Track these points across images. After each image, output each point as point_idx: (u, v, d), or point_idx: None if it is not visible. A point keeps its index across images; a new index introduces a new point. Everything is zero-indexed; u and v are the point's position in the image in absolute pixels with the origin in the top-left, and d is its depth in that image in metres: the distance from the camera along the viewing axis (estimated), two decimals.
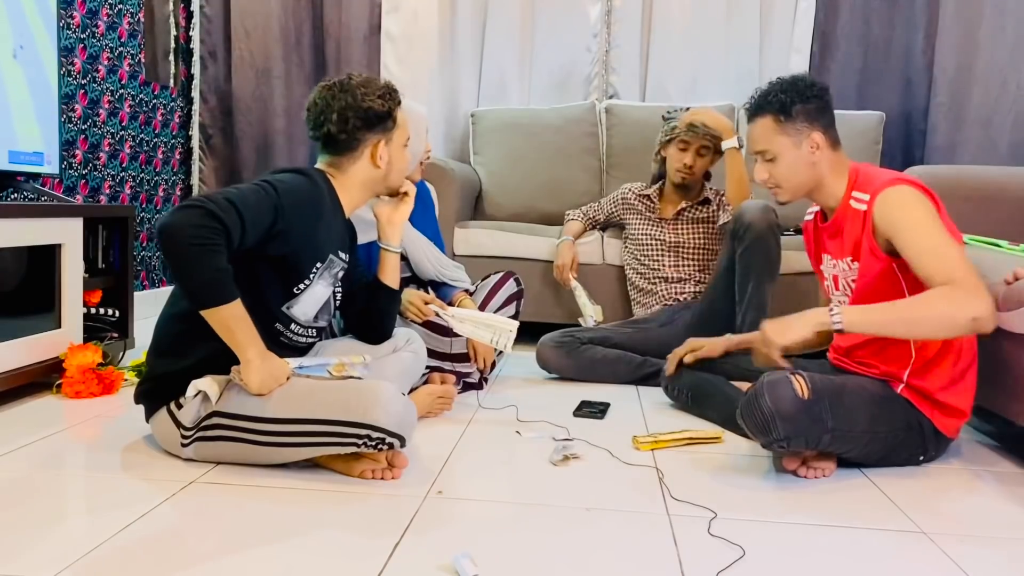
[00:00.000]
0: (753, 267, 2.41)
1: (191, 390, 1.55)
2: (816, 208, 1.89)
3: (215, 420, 1.56)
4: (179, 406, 1.59)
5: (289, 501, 1.44)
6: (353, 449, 1.52)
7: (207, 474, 1.55)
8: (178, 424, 1.59)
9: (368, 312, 1.89)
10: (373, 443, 1.50)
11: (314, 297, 1.70)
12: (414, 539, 1.28)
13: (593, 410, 2.10)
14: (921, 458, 1.74)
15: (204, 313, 1.47)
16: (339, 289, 1.80)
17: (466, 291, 2.43)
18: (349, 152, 1.72)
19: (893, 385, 1.71)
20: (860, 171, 1.76)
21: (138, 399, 1.67)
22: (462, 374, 2.28)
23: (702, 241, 2.74)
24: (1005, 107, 3.38)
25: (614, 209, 2.95)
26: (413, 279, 2.32)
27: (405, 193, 1.89)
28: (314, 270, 1.67)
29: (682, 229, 2.75)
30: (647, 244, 2.78)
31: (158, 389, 1.62)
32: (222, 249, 1.44)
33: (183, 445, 1.60)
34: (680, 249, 2.73)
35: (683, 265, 2.72)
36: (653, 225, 2.79)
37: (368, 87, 1.70)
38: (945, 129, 3.44)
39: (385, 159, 1.74)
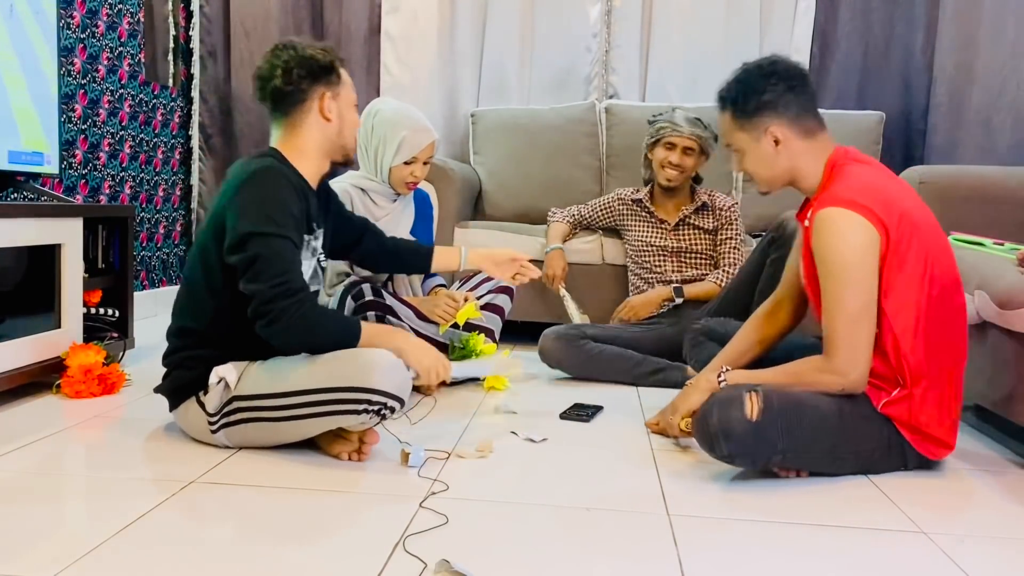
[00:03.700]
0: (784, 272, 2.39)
1: (213, 377, 1.64)
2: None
3: (235, 405, 1.64)
4: (206, 392, 1.68)
5: (289, 501, 1.44)
6: (358, 418, 1.58)
7: (207, 474, 1.55)
8: (205, 411, 1.67)
9: (392, 264, 2.18)
10: (375, 407, 1.56)
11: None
12: (414, 539, 1.28)
13: (582, 413, 2.08)
14: (903, 469, 1.69)
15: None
16: (322, 258, 1.86)
17: (442, 285, 2.54)
18: (298, 107, 1.72)
19: (873, 401, 1.63)
20: (833, 169, 1.65)
21: (163, 392, 1.75)
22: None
23: (705, 247, 2.74)
24: (1005, 107, 3.38)
25: (604, 216, 2.94)
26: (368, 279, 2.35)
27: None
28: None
29: (684, 235, 2.75)
30: (647, 251, 2.78)
31: (181, 384, 1.71)
32: (303, 300, 1.58)
33: (212, 432, 1.67)
34: (683, 254, 2.73)
35: (686, 268, 2.72)
36: (653, 230, 2.78)
37: (310, 43, 1.74)
38: (945, 129, 3.44)
39: (334, 112, 1.74)
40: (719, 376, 1.69)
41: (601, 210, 2.95)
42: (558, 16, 3.76)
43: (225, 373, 1.64)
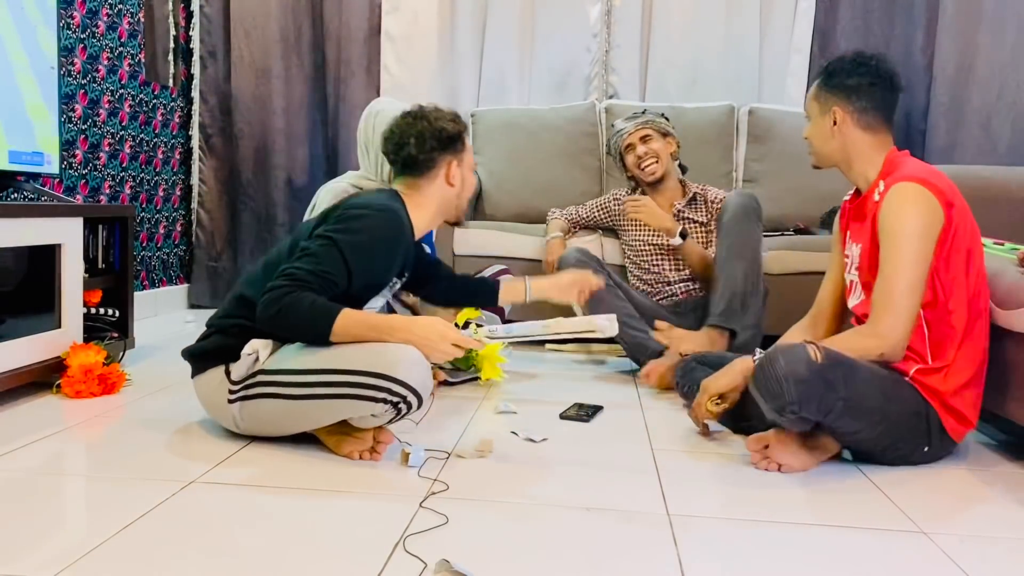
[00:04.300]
0: (724, 244, 2.48)
1: (248, 348, 1.65)
2: (853, 190, 1.89)
3: (259, 378, 1.66)
4: (236, 361, 1.68)
5: (289, 501, 1.44)
6: (373, 406, 1.57)
7: (207, 474, 1.55)
8: (229, 379, 1.68)
9: (462, 299, 2.22)
10: (394, 399, 1.56)
11: (371, 308, 1.86)
12: (414, 539, 1.28)
13: (581, 413, 2.08)
14: (926, 448, 1.71)
15: (333, 340, 1.60)
16: (392, 299, 1.97)
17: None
18: (427, 172, 1.85)
19: (905, 370, 1.71)
20: (895, 161, 1.76)
21: (193, 354, 1.76)
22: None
23: (700, 241, 2.73)
24: (1005, 107, 3.38)
25: (602, 216, 2.95)
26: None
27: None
28: (377, 296, 1.84)
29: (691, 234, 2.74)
30: (645, 250, 2.77)
31: (216, 348, 1.71)
32: (298, 289, 1.59)
33: (229, 401, 1.68)
34: (680, 251, 2.73)
35: (685, 266, 2.71)
36: (649, 229, 2.78)
37: (439, 112, 1.88)
38: (945, 129, 3.44)
39: (458, 179, 1.88)
40: (754, 358, 1.70)
41: (598, 210, 2.95)
42: (558, 16, 3.77)
43: (259, 346, 1.65)
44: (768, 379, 1.58)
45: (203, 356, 1.74)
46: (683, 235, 2.63)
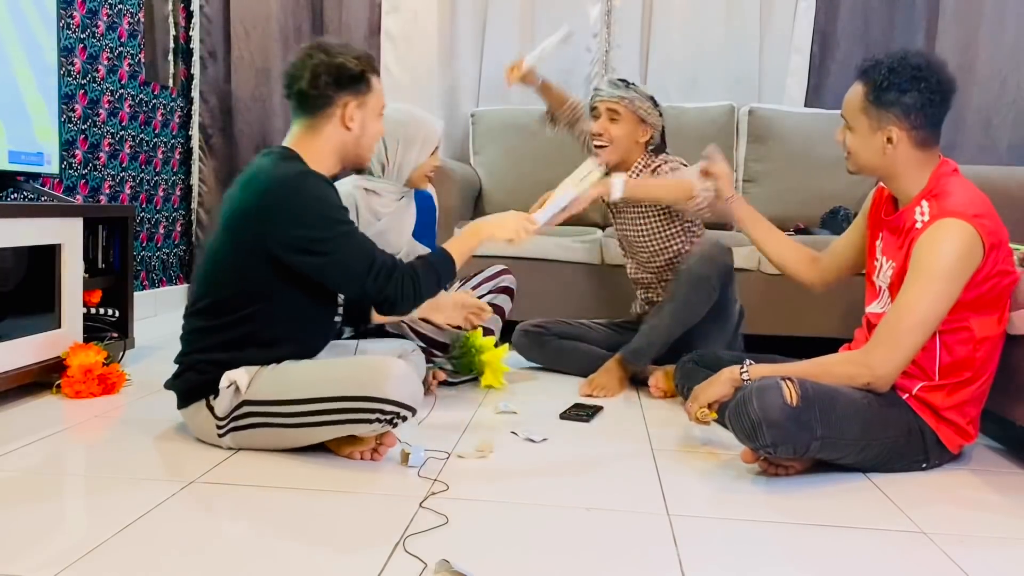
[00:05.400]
0: (671, 297, 2.31)
1: (224, 381, 1.62)
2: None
3: (245, 409, 1.63)
4: (216, 395, 1.64)
5: (289, 501, 1.44)
6: (369, 427, 1.59)
7: (207, 474, 1.55)
8: (214, 415, 1.65)
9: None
10: (387, 417, 1.57)
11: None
12: (414, 539, 1.28)
13: (581, 413, 2.08)
14: (924, 465, 1.71)
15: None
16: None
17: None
18: (321, 111, 1.70)
19: (899, 392, 1.68)
20: (940, 179, 1.68)
21: (173, 388, 1.73)
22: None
23: (644, 233, 2.49)
24: (1005, 107, 3.38)
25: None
26: None
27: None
28: None
29: (624, 221, 2.54)
30: (617, 242, 2.69)
31: (191, 387, 1.68)
32: (401, 277, 1.63)
33: (219, 435, 1.66)
34: (633, 245, 2.54)
35: (643, 263, 2.53)
36: (611, 218, 2.63)
37: (344, 47, 1.71)
38: (945, 129, 3.42)
39: (357, 122, 1.71)
40: (741, 369, 1.69)
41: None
42: (558, 16, 3.75)
43: (236, 377, 1.61)
44: (742, 420, 1.55)
45: (182, 394, 1.70)
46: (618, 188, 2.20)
